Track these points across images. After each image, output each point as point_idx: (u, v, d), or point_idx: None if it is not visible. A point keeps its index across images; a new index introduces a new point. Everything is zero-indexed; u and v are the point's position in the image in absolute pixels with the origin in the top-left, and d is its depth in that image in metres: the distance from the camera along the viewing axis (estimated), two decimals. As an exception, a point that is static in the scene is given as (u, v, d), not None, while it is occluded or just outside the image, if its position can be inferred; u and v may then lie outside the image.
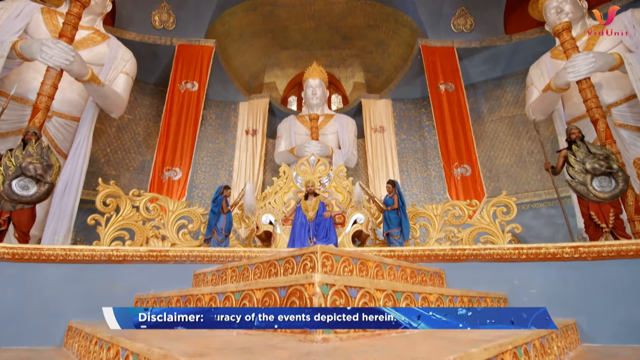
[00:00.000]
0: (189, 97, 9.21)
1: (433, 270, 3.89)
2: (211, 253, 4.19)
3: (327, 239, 5.83)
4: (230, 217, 6.22)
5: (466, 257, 4.15)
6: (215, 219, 6.13)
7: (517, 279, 4.02)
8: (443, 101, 9.18)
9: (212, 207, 6.15)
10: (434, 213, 6.50)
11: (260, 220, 6.17)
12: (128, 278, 4.08)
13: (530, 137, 9.85)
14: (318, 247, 2.60)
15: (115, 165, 9.77)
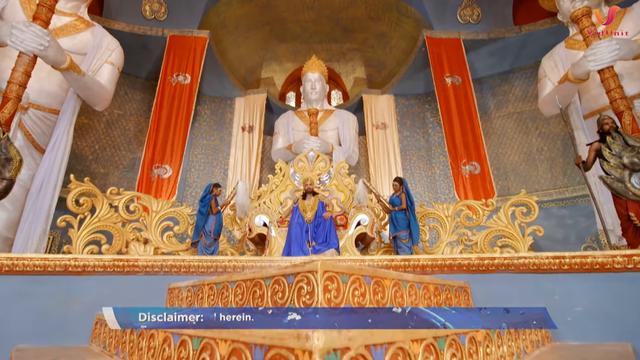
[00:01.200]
0: (180, 90, 8.38)
1: (457, 284, 3.07)
2: (189, 262, 3.37)
3: (327, 243, 5.00)
4: (220, 218, 5.39)
5: (495, 267, 3.33)
6: (203, 221, 5.29)
7: (558, 294, 3.21)
8: (449, 95, 8.36)
9: (200, 207, 5.31)
10: (444, 214, 5.68)
11: (253, 222, 5.34)
12: (88, 293, 3.25)
13: (540, 134, 9.03)
14: (318, 264, 1.77)
15: (103, 163, 8.93)
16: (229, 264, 3.30)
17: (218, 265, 3.30)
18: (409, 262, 3.34)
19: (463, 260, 3.33)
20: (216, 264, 3.31)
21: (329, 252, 4.90)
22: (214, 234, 5.25)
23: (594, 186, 6.83)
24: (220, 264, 3.30)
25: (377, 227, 5.45)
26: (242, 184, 5.56)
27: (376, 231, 5.42)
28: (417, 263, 3.33)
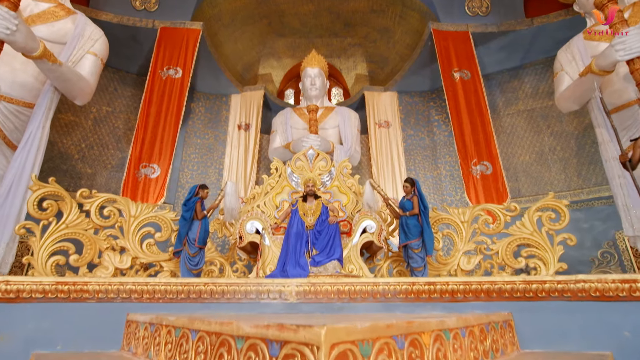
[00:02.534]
0: (171, 84, 7.53)
1: (501, 318, 2.24)
2: (153, 286, 2.52)
3: (330, 253, 4.16)
4: (207, 224, 4.54)
5: (546, 293, 2.49)
6: (186, 227, 4.44)
7: (629, 329, 2.40)
8: (458, 90, 7.53)
9: (183, 211, 4.46)
10: (460, 219, 4.84)
11: (244, 229, 4.49)
12: (23, 325, 2.42)
13: (552, 133, 8.20)
14: (322, 333, 0.88)
15: (90, 163, 8.08)
16: (204, 287, 2.46)
17: (191, 290, 2.47)
18: (434, 286, 2.50)
19: (505, 284, 2.49)
20: (188, 287, 2.47)
21: (331, 265, 4.06)
22: (199, 242, 4.40)
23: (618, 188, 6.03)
24: (194, 288, 2.47)
25: (384, 235, 4.61)
26: (230, 184, 4.72)
27: (384, 239, 4.58)
28: (444, 287, 2.49)
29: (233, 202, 4.63)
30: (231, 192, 4.67)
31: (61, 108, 8.00)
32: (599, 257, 7.38)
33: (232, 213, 4.63)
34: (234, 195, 4.67)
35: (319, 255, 4.12)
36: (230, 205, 4.63)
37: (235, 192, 4.71)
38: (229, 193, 4.66)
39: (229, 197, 4.65)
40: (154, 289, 2.45)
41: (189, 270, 4.35)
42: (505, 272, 4.59)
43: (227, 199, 4.65)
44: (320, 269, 4.02)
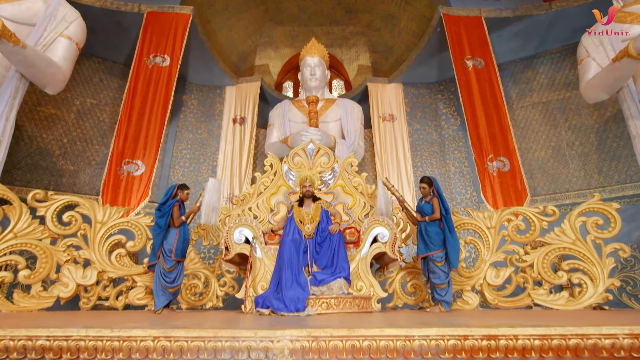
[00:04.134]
0: (158, 73, 6.58)
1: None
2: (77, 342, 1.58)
3: (333, 269, 3.25)
4: (186, 232, 3.61)
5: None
6: (161, 236, 3.51)
7: None
8: (471, 80, 6.60)
9: (156, 217, 3.52)
10: (486, 224, 3.92)
11: (231, 238, 3.57)
12: None
13: (570, 126, 7.27)
14: None
15: (73, 159, 7.13)
16: (153, 344, 1.55)
17: (133, 347, 1.55)
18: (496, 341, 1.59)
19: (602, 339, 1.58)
20: (129, 344, 1.55)
21: (337, 285, 3.15)
22: (176, 254, 3.48)
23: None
24: (138, 344, 1.55)
25: (399, 244, 3.70)
26: (213, 181, 3.78)
27: (398, 250, 3.66)
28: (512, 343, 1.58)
29: (213, 201, 3.70)
30: (212, 189, 3.74)
31: (41, 100, 7.08)
32: (622, 261, 6.48)
33: (209, 214, 3.68)
34: (216, 193, 3.74)
35: (322, 273, 3.21)
36: (209, 203, 3.69)
37: (218, 190, 3.78)
38: (210, 190, 3.73)
39: (209, 194, 3.72)
40: (78, 346, 1.55)
41: (163, 289, 3.44)
42: (543, 288, 3.69)
43: (206, 196, 3.72)
44: (324, 288, 3.12)
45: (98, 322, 2.18)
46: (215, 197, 3.78)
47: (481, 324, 1.75)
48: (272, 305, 2.96)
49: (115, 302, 3.78)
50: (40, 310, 3.44)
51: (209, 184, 3.80)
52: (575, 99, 7.32)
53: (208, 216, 3.77)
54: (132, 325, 1.77)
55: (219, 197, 3.84)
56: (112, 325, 1.76)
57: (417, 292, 4.04)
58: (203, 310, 3.98)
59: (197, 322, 2.04)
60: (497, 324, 1.68)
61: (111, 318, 2.60)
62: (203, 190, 3.84)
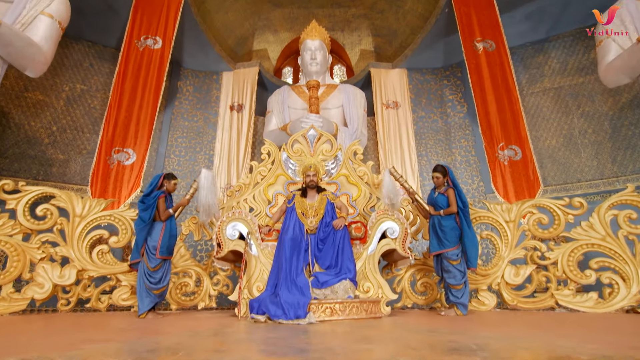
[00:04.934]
0: (149, 56, 6.08)
1: None
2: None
3: (338, 271, 2.83)
4: (173, 227, 3.17)
5: None
6: (144, 231, 3.07)
7: None
8: (481, 63, 6.11)
9: (140, 210, 3.09)
10: (504, 217, 3.49)
11: (223, 233, 3.14)
12: None
13: (582, 114, 6.79)
14: None
15: (63, 148, 6.67)
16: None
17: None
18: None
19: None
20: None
21: (341, 287, 2.73)
22: (161, 251, 3.05)
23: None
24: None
25: (410, 240, 3.27)
26: (206, 173, 3.35)
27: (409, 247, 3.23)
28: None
29: (210, 197, 3.27)
30: (207, 183, 3.30)
31: (28, 86, 6.61)
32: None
33: (208, 211, 3.27)
34: (211, 187, 3.30)
35: (325, 274, 2.79)
36: (206, 200, 3.27)
37: (214, 183, 3.34)
38: (204, 185, 3.29)
39: (204, 190, 3.29)
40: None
41: (148, 291, 3.02)
42: (568, 288, 3.28)
43: (201, 193, 3.29)
44: (327, 291, 2.71)
45: (57, 338, 1.76)
46: (211, 192, 3.34)
47: (531, 348, 1.33)
48: (269, 310, 2.55)
49: (97, 303, 3.37)
50: (12, 313, 3.03)
51: (202, 177, 3.35)
52: (588, 85, 6.83)
53: (205, 213, 3.33)
54: (86, 352, 1.34)
55: (215, 191, 3.39)
56: (64, 348, 1.33)
57: (427, 292, 3.63)
58: (194, 312, 3.57)
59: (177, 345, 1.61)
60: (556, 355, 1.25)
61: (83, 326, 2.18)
62: (195, 182, 3.39)
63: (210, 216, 3.30)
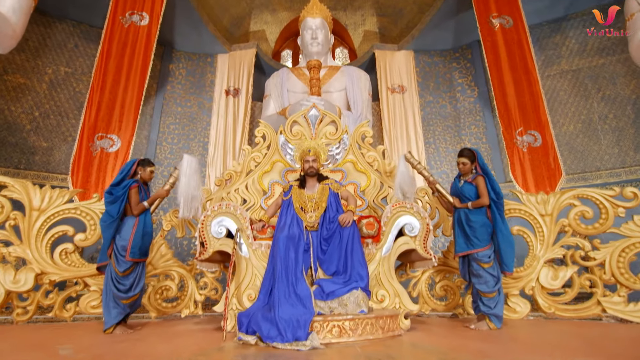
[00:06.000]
0: (135, 34, 5.40)
1: None
2: None
3: (347, 279, 2.21)
4: (148, 223, 2.55)
5: None
6: (112, 228, 2.46)
7: None
8: (498, 41, 5.43)
9: (106, 202, 2.47)
10: (539, 211, 2.86)
11: (207, 230, 2.52)
12: None
13: (603, 97, 6.13)
14: None
15: (46, 135, 6.03)
16: None
17: None
18: None
19: None
20: None
21: (352, 299, 2.12)
22: (132, 252, 2.44)
23: None
24: None
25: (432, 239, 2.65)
26: (189, 159, 2.72)
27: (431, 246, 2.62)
28: None
29: (192, 188, 2.64)
30: (190, 171, 2.67)
31: (7, 68, 5.95)
32: None
33: (190, 204, 2.65)
34: (194, 176, 2.68)
35: (331, 283, 2.19)
36: (187, 191, 2.64)
37: (197, 170, 2.71)
38: (186, 173, 2.67)
39: (185, 178, 2.66)
40: None
41: (116, 300, 2.42)
42: (618, 294, 2.68)
43: (182, 182, 2.67)
44: (334, 304, 2.11)
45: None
46: (193, 181, 2.70)
47: None
48: (260, 329, 1.95)
49: (62, 312, 2.77)
50: (-45, 326, 2.45)
51: (184, 163, 2.72)
52: (609, 66, 6.17)
53: (186, 206, 2.70)
54: None
55: (199, 181, 2.75)
56: None
57: (448, 296, 3.04)
58: (176, 321, 2.97)
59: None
60: None
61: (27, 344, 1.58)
62: (175, 170, 2.76)
63: (194, 211, 2.68)
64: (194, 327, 2.59)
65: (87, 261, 2.84)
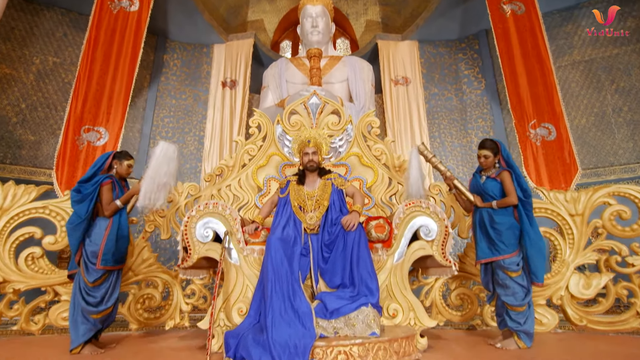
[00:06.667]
0: (124, 20, 4.98)
1: None
2: None
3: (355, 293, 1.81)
4: (124, 225, 2.16)
5: None
6: (80, 231, 2.06)
7: None
8: (509, 28, 5.01)
9: (73, 201, 2.07)
10: (569, 210, 2.46)
11: (191, 233, 2.13)
12: None
13: (617, 89, 5.73)
14: None
15: (33, 128, 5.62)
16: None
17: None
18: None
19: None
20: None
21: (361, 318, 1.73)
22: (104, 259, 2.06)
23: None
24: None
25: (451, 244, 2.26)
26: (165, 146, 2.31)
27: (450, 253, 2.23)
28: None
29: (160, 174, 2.23)
30: (162, 157, 2.27)
31: (-9, 57, 5.55)
32: None
33: (152, 192, 2.21)
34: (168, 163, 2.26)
35: (336, 298, 1.80)
36: (153, 176, 2.23)
37: (173, 158, 2.30)
38: (158, 157, 2.26)
39: (155, 163, 2.25)
40: None
41: (85, 315, 2.04)
42: (662, 306, 2.29)
43: (151, 165, 2.26)
44: (339, 323, 1.73)
45: None
46: (165, 167, 2.28)
47: None
48: (251, 356, 1.57)
49: (29, 324, 2.40)
50: None
51: (158, 149, 2.31)
52: (624, 57, 5.75)
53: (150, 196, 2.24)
54: None
55: (172, 169, 2.33)
56: None
57: (464, 305, 2.66)
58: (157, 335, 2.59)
59: None
60: None
61: None
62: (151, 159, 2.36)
63: (156, 202, 2.23)
64: (178, 345, 2.21)
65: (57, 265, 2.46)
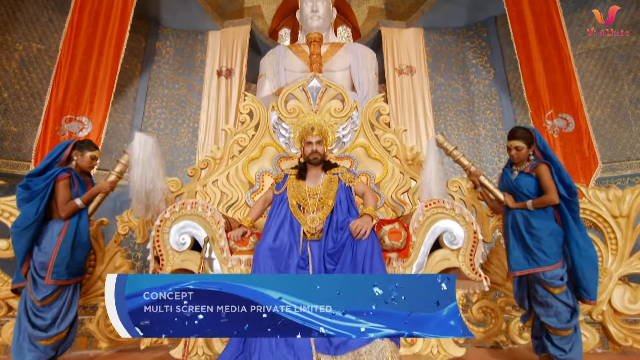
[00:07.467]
0: (109, 2, 4.53)
1: None
2: None
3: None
4: (83, 230, 1.72)
5: None
6: (27, 237, 1.62)
7: None
8: (525, 12, 4.56)
9: (19, 200, 1.63)
10: (612, 211, 2.01)
11: (164, 240, 1.70)
12: None
13: (634, 79, 5.28)
14: None
15: (16, 118, 5.17)
16: None
17: None
18: None
19: None
20: None
21: (374, 353, 1.33)
22: (55, 272, 1.63)
23: None
24: None
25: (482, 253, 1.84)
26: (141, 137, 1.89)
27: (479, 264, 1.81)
28: None
29: (147, 178, 1.82)
30: (144, 155, 1.85)
31: (-30, 44, 5.09)
32: None
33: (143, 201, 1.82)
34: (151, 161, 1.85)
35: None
36: (141, 182, 1.82)
37: (154, 154, 1.88)
38: (139, 159, 1.84)
39: (139, 167, 1.84)
40: None
41: (31, 340, 1.63)
42: None
43: (135, 170, 1.84)
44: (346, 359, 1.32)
45: None
46: (150, 169, 1.86)
47: None
48: (231, 407, 1.16)
49: (-23, 344, 1.99)
50: None
51: (136, 146, 1.88)
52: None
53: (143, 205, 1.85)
54: None
55: (158, 168, 1.92)
56: None
57: (488, 319, 2.25)
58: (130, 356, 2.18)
59: None
60: None
61: None
62: (124, 155, 1.94)
63: (151, 208, 1.86)
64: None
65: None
